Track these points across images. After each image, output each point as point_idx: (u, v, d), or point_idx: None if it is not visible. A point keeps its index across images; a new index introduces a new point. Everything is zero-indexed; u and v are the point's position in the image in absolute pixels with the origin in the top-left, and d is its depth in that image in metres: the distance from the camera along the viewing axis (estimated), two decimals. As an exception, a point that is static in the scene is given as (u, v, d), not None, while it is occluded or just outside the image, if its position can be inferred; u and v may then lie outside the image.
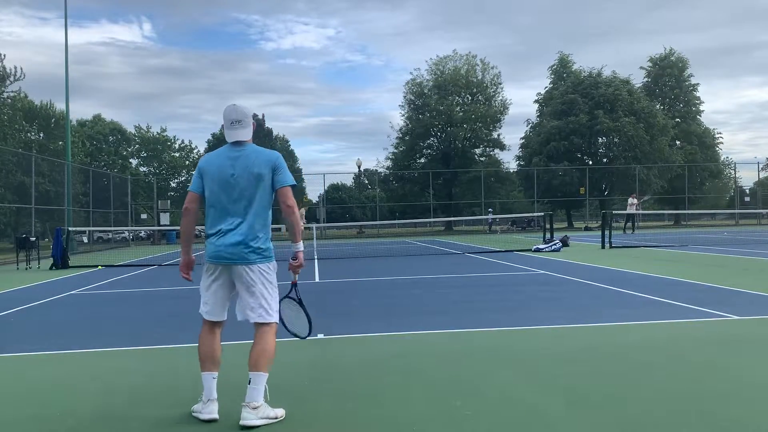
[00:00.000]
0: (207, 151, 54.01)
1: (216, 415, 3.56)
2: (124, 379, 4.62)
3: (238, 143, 3.73)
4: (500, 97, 47.22)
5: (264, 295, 3.67)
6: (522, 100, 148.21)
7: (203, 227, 3.99)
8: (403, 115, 47.74)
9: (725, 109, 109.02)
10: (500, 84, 47.18)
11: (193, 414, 3.63)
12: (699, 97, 52.00)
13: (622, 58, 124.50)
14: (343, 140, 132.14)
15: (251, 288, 3.66)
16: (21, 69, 33.35)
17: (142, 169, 55.82)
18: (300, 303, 4.00)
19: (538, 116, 48.38)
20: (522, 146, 47.78)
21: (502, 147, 47.73)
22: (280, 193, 3.70)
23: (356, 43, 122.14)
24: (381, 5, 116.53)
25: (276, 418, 3.54)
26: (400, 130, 47.71)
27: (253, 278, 3.66)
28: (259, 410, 3.47)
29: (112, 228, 31.97)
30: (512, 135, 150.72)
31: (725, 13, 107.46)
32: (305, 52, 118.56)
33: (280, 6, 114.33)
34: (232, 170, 3.66)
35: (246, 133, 3.75)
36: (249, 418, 3.43)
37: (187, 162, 57.32)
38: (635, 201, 30.70)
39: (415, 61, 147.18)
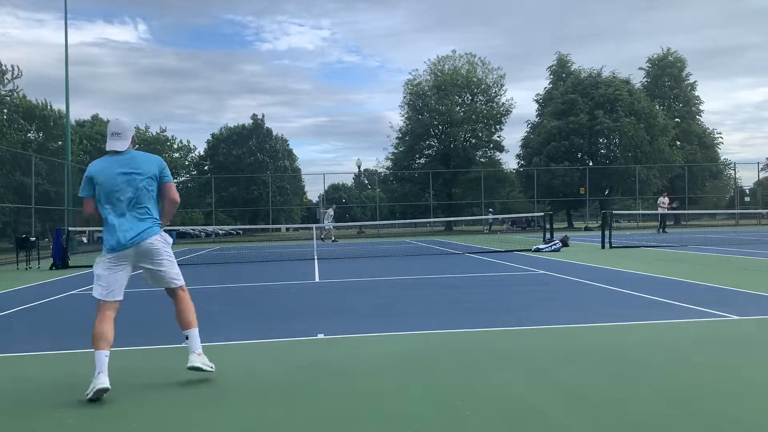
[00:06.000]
0: (207, 151, 54.06)
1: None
2: (125, 378, 4.61)
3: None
4: (503, 99, 47.20)
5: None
6: (514, 100, 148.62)
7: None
8: (403, 116, 47.78)
9: (720, 109, 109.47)
10: (503, 86, 47.18)
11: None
12: (698, 96, 52.05)
13: (614, 59, 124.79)
14: (339, 140, 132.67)
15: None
16: (18, 67, 33.40)
17: (142, 169, 55.67)
18: None
19: (537, 116, 48.37)
20: (522, 146, 47.78)
21: (501, 149, 47.76)
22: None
23: (351, 44, 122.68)
24: (372, 6, 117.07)
25: (210, 368, 4.38)
26: (400, 130, 47.72)
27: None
28: (202, 356, 4.38)
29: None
30: (510, 135, 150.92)
31: (717, 14, 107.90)
32: (300, 53, 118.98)
33: (271, 7, 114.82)
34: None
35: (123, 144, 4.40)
36: (195, 361, 4.33)
37: (187, 162, 57.31)
38: (666, 200, 30.51)
39: (410, 61, 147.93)
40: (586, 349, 5.18)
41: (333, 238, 30.70)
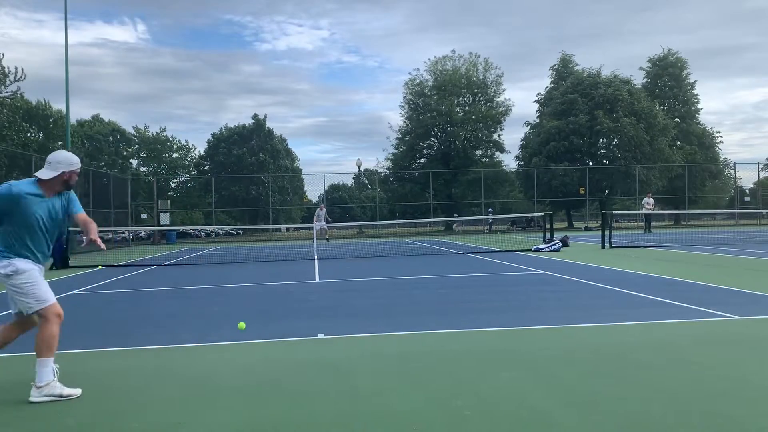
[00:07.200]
0: (207, 150, 54.11)
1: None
2: (124, 378, 4.61)
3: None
4: (502, 99, 47.18)
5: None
6: (512, 101, 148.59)
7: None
8: (403, 116, 47.78)
9: (718, 110, 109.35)
10: (501, 85, 47.15)
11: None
12: (697, 95, 52.01)
13: (613, 59, 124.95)
14: (339, 141, 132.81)
15: None
16: (22, 69, 33.37)
17: (142, 169, 55.79)
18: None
19: (537, 116, 48.38)
20: (522, 146, 47.77)
21: (502, 149, 47.75)
22: None
23: (350, 45, 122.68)
24: (371, 7, 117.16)
25: (66, 396, 4.06)
26: (400, 130, 47.71)
27: None
28: (43, 389, 4.03)
29: (112, 228, 31.95)
30: (510, 135, 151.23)
31: (715, 15, 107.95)
32: (299, 54, 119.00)
33: (270, 7, 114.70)
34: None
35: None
36: (33, 395, 4.04)
37: (186, 162, 57.30)
38: (651, 201, 30.62)
39: (409, 61, 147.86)
40: (586, 349, 5.18)
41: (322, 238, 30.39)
